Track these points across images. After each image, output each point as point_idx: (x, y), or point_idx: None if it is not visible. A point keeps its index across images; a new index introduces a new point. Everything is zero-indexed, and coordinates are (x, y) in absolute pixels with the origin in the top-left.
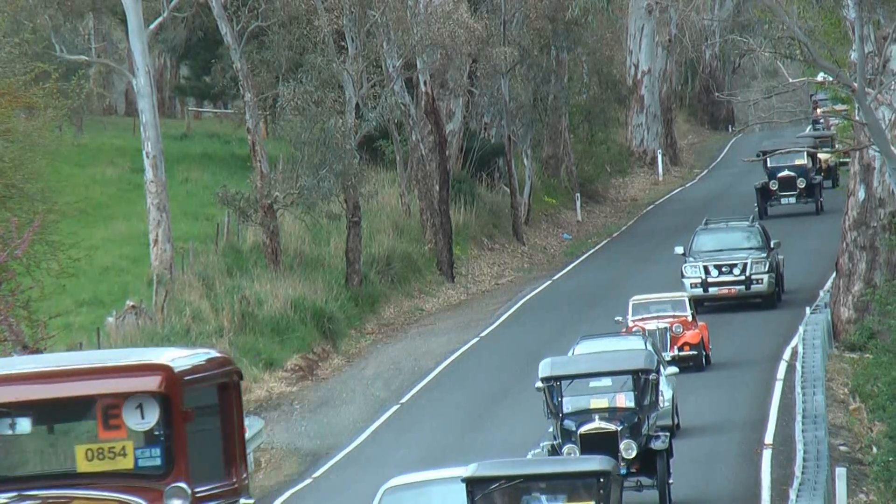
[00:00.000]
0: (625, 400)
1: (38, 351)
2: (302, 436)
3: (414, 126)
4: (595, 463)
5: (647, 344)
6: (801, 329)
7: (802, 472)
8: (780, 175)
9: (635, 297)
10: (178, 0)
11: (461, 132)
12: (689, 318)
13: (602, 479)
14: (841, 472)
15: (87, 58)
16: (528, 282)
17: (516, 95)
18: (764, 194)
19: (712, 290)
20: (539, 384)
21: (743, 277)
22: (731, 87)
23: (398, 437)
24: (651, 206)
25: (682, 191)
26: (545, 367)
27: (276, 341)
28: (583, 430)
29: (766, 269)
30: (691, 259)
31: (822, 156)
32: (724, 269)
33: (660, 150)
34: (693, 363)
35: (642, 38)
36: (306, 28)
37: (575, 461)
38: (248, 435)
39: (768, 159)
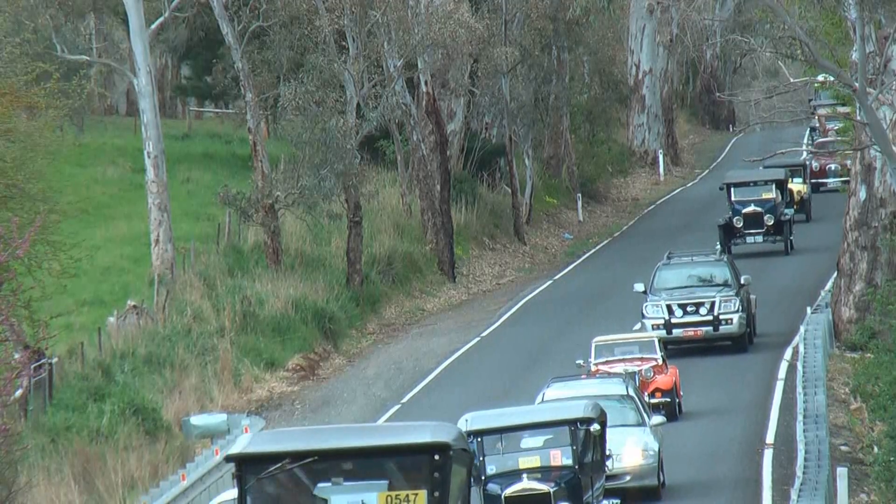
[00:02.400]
0: (560, 457)
1: (39, 351)
2: None
3: (415, 126)
4: (427, 433)
5: (629, 388)
6: (802, 329)
7: (803, 472)
8: (745, 211)
9: (598, 338)
10: (179, 0)
11: (462, 132)
12: (660, 362)
13: (437, 457)
14: (842, 471)
15: (88, 58)
16: (529, 282)
17: (517, 95)
18: (727, 231)
19: (676, 331)
20: None
21: (710, 317)
22: (733, 87)
23: None
24: (652, 206)
25: (683, 191)
26: (463, 423)
27: (277, 341)
28: (508, 491)
29: (737, 308)
30: (653, 297)
31: (793, 187)
32: (689, 309)
33: (661, 150)
34: (665, 411)
35: (643, 38)
36: (307, 28)
37: (398, 430)
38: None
39: (732, 191)
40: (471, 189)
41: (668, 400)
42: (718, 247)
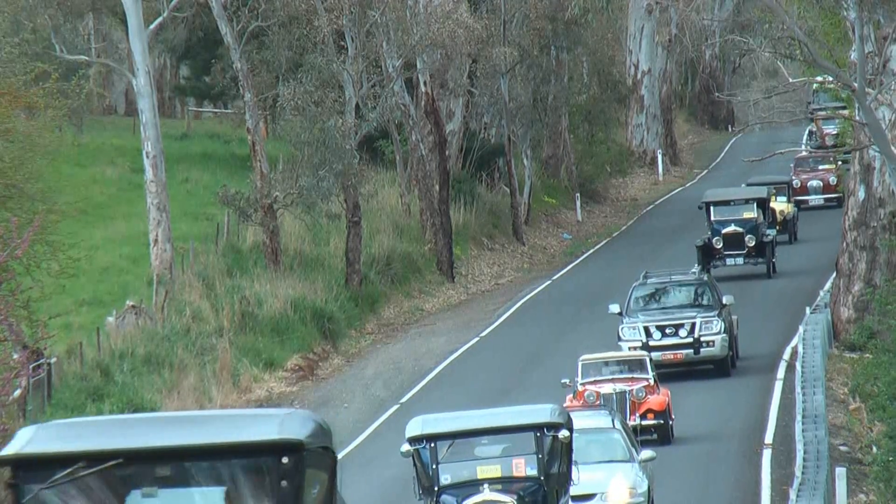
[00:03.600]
0: (525, 466)
1: (38, 351)
2: (405, 437)
3: (414, 126)
4: (272, 426)
5: (615, 420)
6: (801, 329)
7: (802, 472)
8: (725, 231)
9: (585, 357)
10: (178, 0)
11: (461, 132)
12: (652, 381)
13: (286, 460)
14: (841, 472)
15: (87, 58)
16: (527, 282)
17: (516, 95)
18: (706, 253)
19: (655, 354)
20: (406, 447)
21: (691, 340)
22: (731, 87)
23: (398, 438)
24: (651, 206)
25: (682, 191)
26: (415, 426)
27: (276, 341)
28: None
29: (718, 329)
30: (629, 319)
31: (776, 206)
32: (668, 331)
33: (660, 150)
34: (657, 434)
35: (642, 38)
36: (306, 28)
37: (236, 421)
38: None
39: (712, 210)
40: (469, 189)
41: (661, 422)
42: (698, 266)
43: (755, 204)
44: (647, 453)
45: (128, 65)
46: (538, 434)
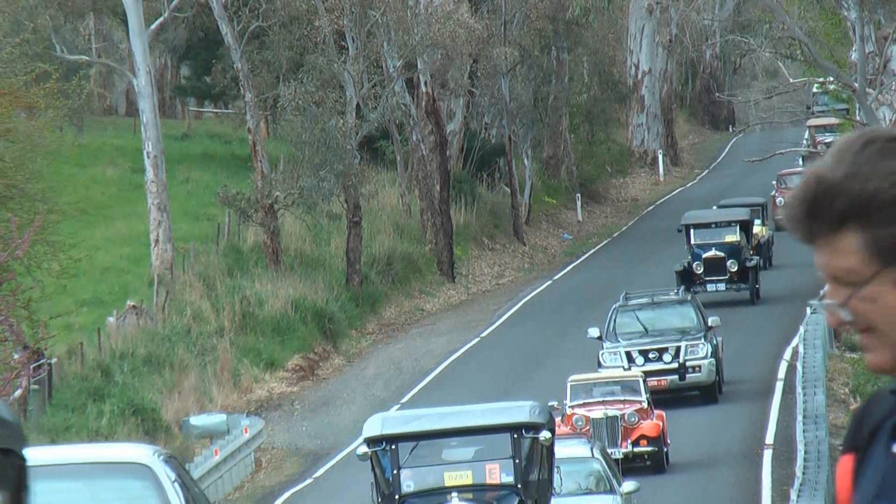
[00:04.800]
0: (499, 472)
1: (38, 351)
2: (302, 436)
3: (414, 126)
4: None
5: (595, 450)
6: (801, 329)
7: (803, 473)
8: (705, 255)
9: (574, 377)
10: (178, 0)
11: (462, 132)
12: (645, 405)
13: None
14: None
15: (87, 58)
16: (528, 282)
17: (517, 96)
18: (686, 279)
19: None
20: (363, 450)
21: (676, 365)
22: (732, 88)
23: None
24: (652, 207)
25: (682, 191)
26: (374, 425)
27: (276, 341)
28: None
29: (705, 353)
30: (610, 343)
31: (756, 229)
32: (651, 356)
33: (660, 151)
34: (651, 461)
35: (643, 38)
36: (307, 28)
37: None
38: (248, 435)
39: (692, 234)
40: (470, 189)
41: (655, 449)
42: (681, 287)
43: (738, 227)
44: (629, 485)
45: (128, 65)
46: (515, 435)
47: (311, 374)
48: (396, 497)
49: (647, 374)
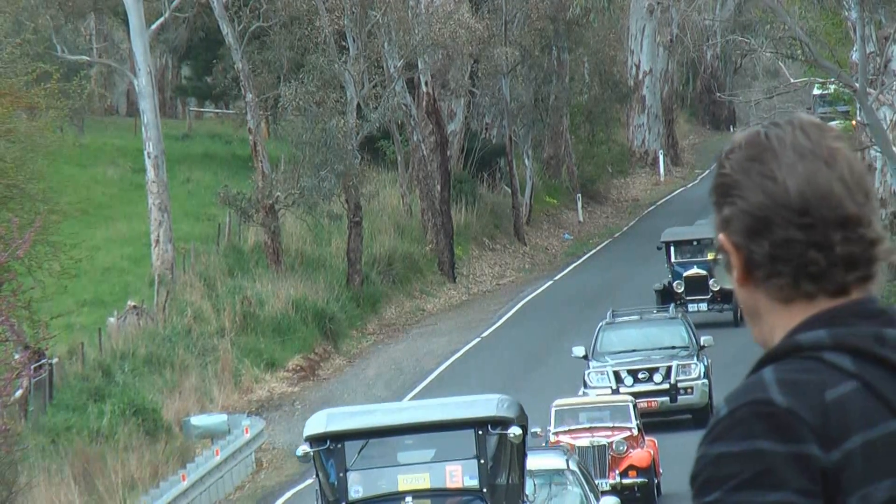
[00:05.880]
0: (461, 475)
1: (39, 351)
2: (303, 436)
3: (415, 126)
4: None
5: (570, 461)
6: None
7: None
8: (686, 274)
9: (559, 401)
10: (179, 0)
11: (462, 132)
12: (635, 432)
13: None
14: None
15: (88, 58)
16: (529, 282)
17: (517, 96)
18: (666, 298)
19: None
20: (304, 449)
21: (667, 385)
22: (733, 88)
23: None
24: (652, 207)
25: (683, 191)
26: (317, 421)
27: (277, 341)
28: None
29: (697, 374)
30: (596, 362)
31: None
32: (641, 376)
33: (661, 151)
34: (641, 494)
35: (643, 38)
36: (307, 28)
37: None
38: (249, 435)
39: (672, 251)
40: (471, 189)
41: (645, 480)
42: (672, 304)
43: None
44: (610, 501)
45: (129, 65)
46: (480, 432)
47: (311, 375)
48: None
49: (637, 395)
